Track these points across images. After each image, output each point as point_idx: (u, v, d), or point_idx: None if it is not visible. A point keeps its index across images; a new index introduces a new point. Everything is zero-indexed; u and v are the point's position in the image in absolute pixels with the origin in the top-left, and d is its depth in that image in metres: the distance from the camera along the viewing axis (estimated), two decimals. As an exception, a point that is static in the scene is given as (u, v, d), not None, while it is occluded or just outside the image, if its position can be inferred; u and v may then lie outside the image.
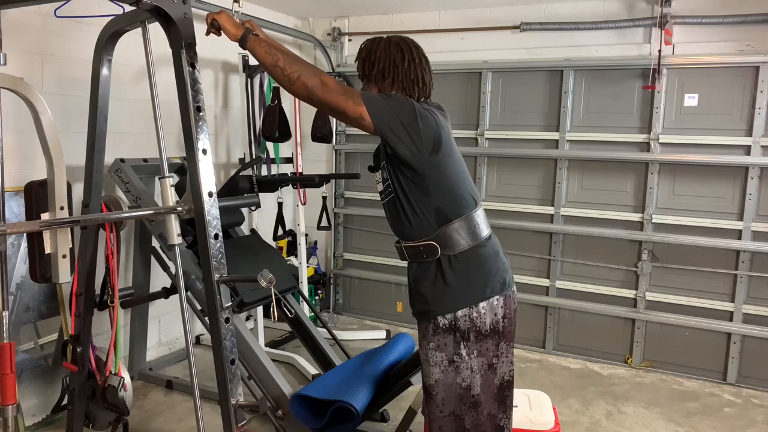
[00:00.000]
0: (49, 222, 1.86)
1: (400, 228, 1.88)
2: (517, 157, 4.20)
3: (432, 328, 1.83)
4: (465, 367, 1.81)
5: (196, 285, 2.95)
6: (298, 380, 3.58)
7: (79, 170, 2.34)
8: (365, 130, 1.76)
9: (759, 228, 3.60)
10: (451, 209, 1.82)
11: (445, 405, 1.83)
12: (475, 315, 1.80)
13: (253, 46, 1.80)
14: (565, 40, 4.00)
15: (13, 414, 1.84)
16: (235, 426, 1.87)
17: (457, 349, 1.80)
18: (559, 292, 4.14)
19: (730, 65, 3.59)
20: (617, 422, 3.19)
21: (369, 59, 1.89)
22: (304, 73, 1.72)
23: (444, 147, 1.79)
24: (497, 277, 1.85)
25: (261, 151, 4.15)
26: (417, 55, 1.89)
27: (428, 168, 1.78)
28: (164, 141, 1.97)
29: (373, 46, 1.89)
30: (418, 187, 1.80)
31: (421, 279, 1.85)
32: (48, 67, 3.02)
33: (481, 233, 1.85)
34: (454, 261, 1.81)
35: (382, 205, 1.93)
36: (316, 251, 4.93)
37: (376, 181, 1.92)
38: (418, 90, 1.88)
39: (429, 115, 1.78)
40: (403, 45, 1.89)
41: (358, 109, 1.71)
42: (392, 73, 1.86)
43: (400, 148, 1.74)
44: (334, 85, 1.72)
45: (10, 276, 2.79)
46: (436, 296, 1.82)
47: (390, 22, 4.56)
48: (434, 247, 1.81)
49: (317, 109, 2.68)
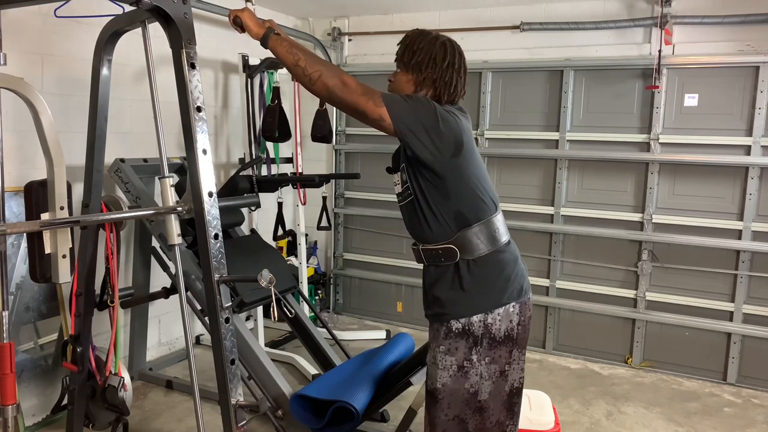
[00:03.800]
0: (49, 222, 1.86)
1: (419, 230, 1.85)
2: (517, 157, 4.20)
3: (444, 331, 1.80)
4: (474, 372, 1.78)
5: (196, 285, 2.95)
6: (298, 380, 3.58)
7: (79, 170, 2.35)
8: (385, 132, 1.74)
9: (759, 228, 3.60)
10: (471, 213, 1.79)
11: (450, 409, 1.81)
12: (490, 321, 1.77)
13: (275, 46, 1.80)
14: (565, 40, 4.00)
15: (13, 414, 1.84)
16: (235, 426, 1.87)
17: (469, 355, 1.77)
18: (559, 292, 4.14)
19: (730, 65, 3.59)
20: (617, 422, 3.19)
21: (411, 47, 1.87)
22: (325, 73, 1.71)
23: (465, 150, 1.77)
24: (515, 283, 1.83)
25: (261, 151, 4.15)
26: (458, 62, 1.88)
27: (449, 171, 1.75)
28: (164, 141, 1.97)
29: (420, 36, 1.88)
30: (438, 189, 1.77)
31: (438, 282, 1.83)
32: (48, 67, 3.02)
33: (501, 238, 1.84)
34: (473, 266, 1.78)
35: (399, 207, 1.90)
36: (316, 251, 4.93)
37: (394, 183, 1.89)
38: (447, 94, 1.87)
39: (450, 117, 1.77)
40: (449, 46, 1.87)
41: (378, 110, 1.69)
42: (428, 69, 1.84)
43: (420, 150, 1.72)
44: (354, 85, 1.71)
45: (10, 276, 2.79)
46: (452, 300, 1.79)
47: (390, 22, 4.56)
48: (453, 251, 1.78)
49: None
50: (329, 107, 4.21)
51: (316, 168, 4.81)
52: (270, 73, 4.12)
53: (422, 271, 1.93)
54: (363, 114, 1.72)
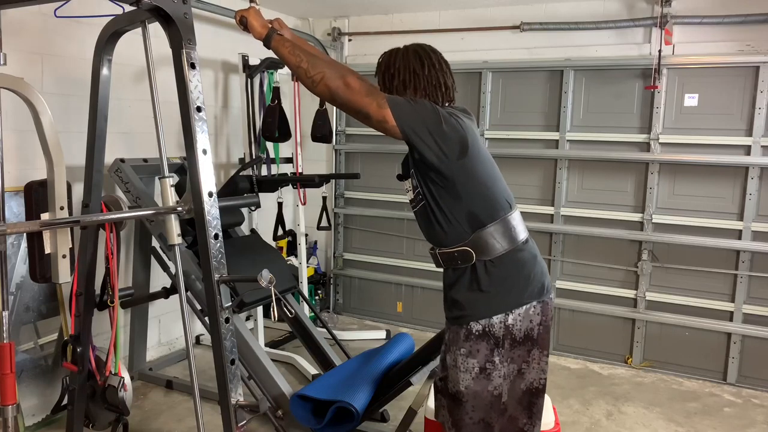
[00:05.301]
0: (49, 222, 1.86)
1: (434, 235, 1.84)
2: (517, 157, 4.19)
3: (464, 334, 1.77)
4: (498, 375, 1.76)
5: (196, 285, 2.95)
6: (298, 380, 3.58)
7: (79, 170, 2.35)
8: (389, 134, 1.72)
9: (759, 228, 3.59)
10: (485, 213, 1.78)
11: (476, 412, 1.78)
12: (510, 322, 1.75)
13: (277, 47, 1.79)
14: (565, 40, 4.00)
15: (13, 414, 1.85)
16: (235, 426, 1.87)
17: (491, 357, 1.75)
18: (559, 292, 4.14)
19: (730, 65, 3.59)
20: (617, 422, 3.19)
21: (388, 71, 1.86)
22: (327, 74, 1.70)
23: (471, 150, 1.75)
24: (535, 282, 1.81)
25: (261, 151, 4.14)
26: (436, 60, 1.86)
27: (457, 172, 1.73)
28: (164, 141, 1.97)
29: (391, 58, 1.87)
30: (448, 192, 1.76)
31: (456, 285, 1.81)
32: (48, 67, 3.02)
33: (518, 236, 1.82)
34: (490, 266, 1.76)
35: (414, 213, 1.89)
36: (316, 251, 4.93)
37: (406, 190, 1.88)
38: (441, 95, 1.85)
39: (452, 119, 1.74)
40: (422, 52, 1.86)
41: (382, 111, 1.68)
42: (413, 82, 1.83)
43: (426, 152, 1.71)
44: (358, 86, 1.69)
45: (10, 276, 2.79)
46: (471, 302, 1.77)
47: (390, 22, 4.56)
48: (469, 253, 1.76)
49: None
50: (329, 107, 4.21)
51: (316, 168, 4.81)
52: (270, 73, 4.12)
53: (442, 274, 1.91)
54: (366, 116, 1.70)
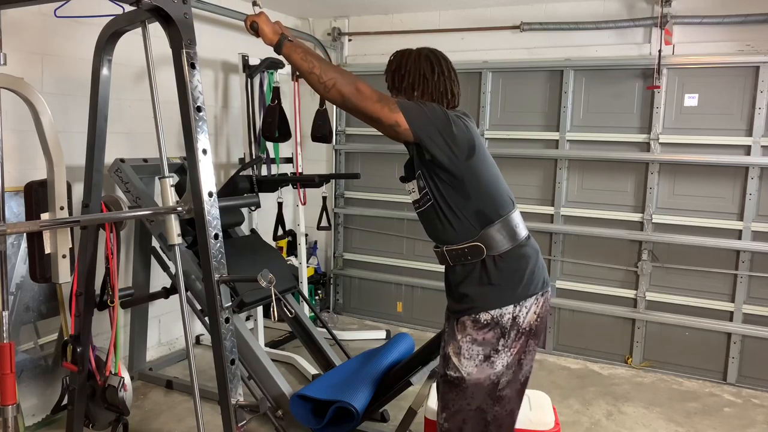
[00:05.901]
0: (49, 222, 1.86)
1: (441, 233, 1.88)
2: (517, 157, 4.19)
3: (471, 322, 1.83)
4: (500, 363, 1.82)
5: (196, 285, 2.95)
6: (298, 380, 3.58)
7: (79, 170, 2.35)
8: (401, 138, 1.77)
9: (759, 228, 3.60)
10: (491, 211, 1.84)
11: (474, 399, 1.83)
12: (518, 313, 1.82)
13: (289, 53, 1.81)
14: (565, 40, 4.00)
15: (13, 414, 1.85)
16: (235, 426, 1.87)
17: (496, 346, 1.81)
18: (559, 292, 4.14)
19: (730, 65, 3.59)
20: (617, 422, 3.19)
21: (399, 72, 1.92)
22: (340, 80, 1.73)
23: (477, 151, 1.82)
24: (538, 275, 1.88)
25: (261, 151, 4.15)
26: (446, 68, 1.92)
27: (466, 172, 1.80)
28: (164, 141, 1.97)
29: (403, 58, 1.93)
30: (457, 191, 1.81)
31: (466, 280, 1.86)
32: (48, 67, 3.02)
33: (521, 233, 1.88)
34: (499, 261, 1.82)
35: (417, 213, 1.93)
36: (316, 251, 4.93)
37: (410, 191, 1.92)
38: (446, 101, 1.92)
39: (460, 121, 1.81)
40: (433, 58, 1.92)
41: (394, 116, 1.72)
42: (422, 86, 1.89)
43: (438, 153, 1.76)
44: (369, 92, 1.73)
45: (10, 276, 2.79)
46: (482, 295, 1.83)
47: (390, 22, 4.56)
48: (480, 248, 1.82)
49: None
50: (329, 107, 4.21)
51: (316, 168, 4.81)
52: (270, 73, 4.12)
53: (445, 271, 1.96)
54: (378, 120, 1.74)
